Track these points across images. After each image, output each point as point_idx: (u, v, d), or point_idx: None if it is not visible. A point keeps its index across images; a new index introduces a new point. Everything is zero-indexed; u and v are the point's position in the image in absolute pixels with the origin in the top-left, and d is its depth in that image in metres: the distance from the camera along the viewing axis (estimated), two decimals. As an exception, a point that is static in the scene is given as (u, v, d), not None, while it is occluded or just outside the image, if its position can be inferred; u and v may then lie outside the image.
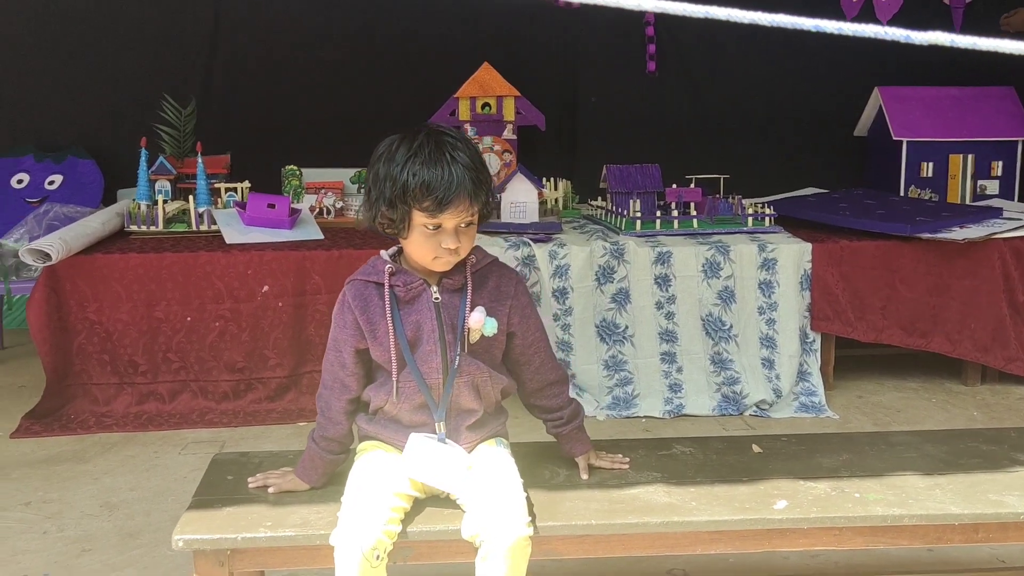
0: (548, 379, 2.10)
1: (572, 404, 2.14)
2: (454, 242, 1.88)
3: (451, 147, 1.87)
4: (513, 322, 2.01)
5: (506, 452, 2.02)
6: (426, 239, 1.89)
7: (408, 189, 1.85)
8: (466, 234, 1.91)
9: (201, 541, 1.86)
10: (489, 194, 1.93)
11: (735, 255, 3.76)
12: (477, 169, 1.88)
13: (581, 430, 2.15)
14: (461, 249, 1.91)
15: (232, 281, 3.67)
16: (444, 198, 1.83)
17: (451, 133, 1.92)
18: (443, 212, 1.85)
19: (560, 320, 3.73)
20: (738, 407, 3.72)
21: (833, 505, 1.96)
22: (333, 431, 2.02)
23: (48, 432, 3.50)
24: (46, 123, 4.69)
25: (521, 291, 2.03)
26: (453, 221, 1.88)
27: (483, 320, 1.93)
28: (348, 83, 4.80)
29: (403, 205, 1.87)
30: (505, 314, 1.99)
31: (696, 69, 4.98)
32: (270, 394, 3.72)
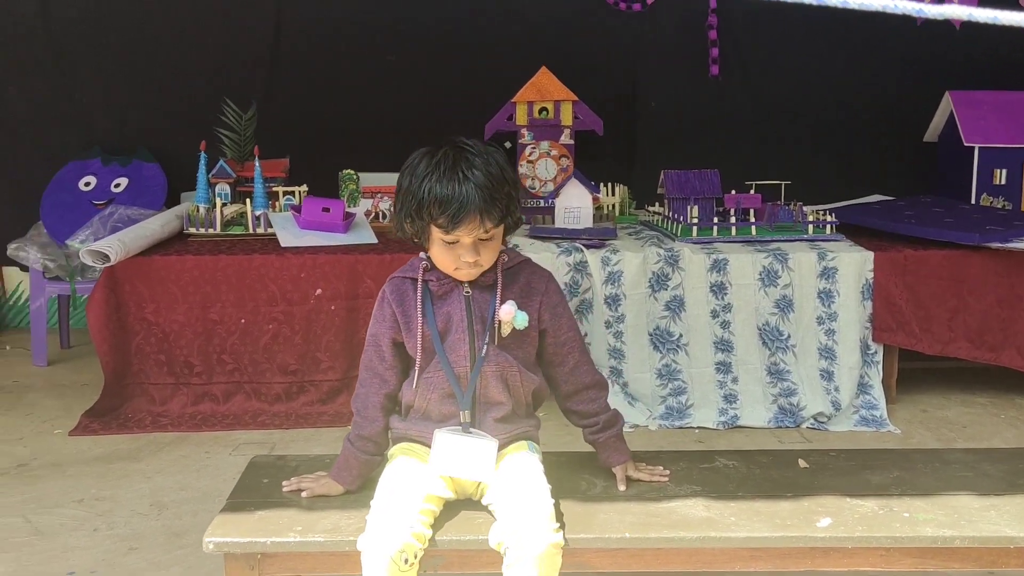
0: (583, 382, 2.08)
1: (610, 411, 2.10)
2: (472, 255, 1.92)
3: (467, 164, 1.88)
4: (544, 319, 2.03)
5: (535, 458, 1.99)
6: (445, 252, 1.94)
7: (424, 205, 1.89)
8: (486, 247, 1.93)
9: (232, 544, 1.87)
10: (509, 208, 1.92)
11: (794, 263, 3.66)
12: (492, 187, 1.88)
13: (619, 439, 2.11)
14: (482, 260, 1.94)
15: (286, 284, 3.70)
16: (455, 217, 1.87)
17: (472, 148, 1.91)
18: (456, 230, 1.88)
19: (612, 327, 3.68)
20: (795, 419, 3.61)
21: (880, 524, 1.88)
22: (369, 429, 2.04)
23: (106, 430, 3.57)
24: (114, 127, 4.80)
25: (552, 289, 2.05)
26: (468, 237, 1.90)
27: (514, 312, 1.96)
28: (406, 88, 4.82)
29: (420, 219, 1.91)
30: (536, 309, 2.00)
31: (758, 73, 4.87)
32: (322, 397, 3.74)
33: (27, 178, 4.69)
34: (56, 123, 4.79)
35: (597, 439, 2.10)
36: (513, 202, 1.94)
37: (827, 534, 1.86)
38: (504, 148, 4.30)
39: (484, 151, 1.93)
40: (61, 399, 3.94)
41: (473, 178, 1.87)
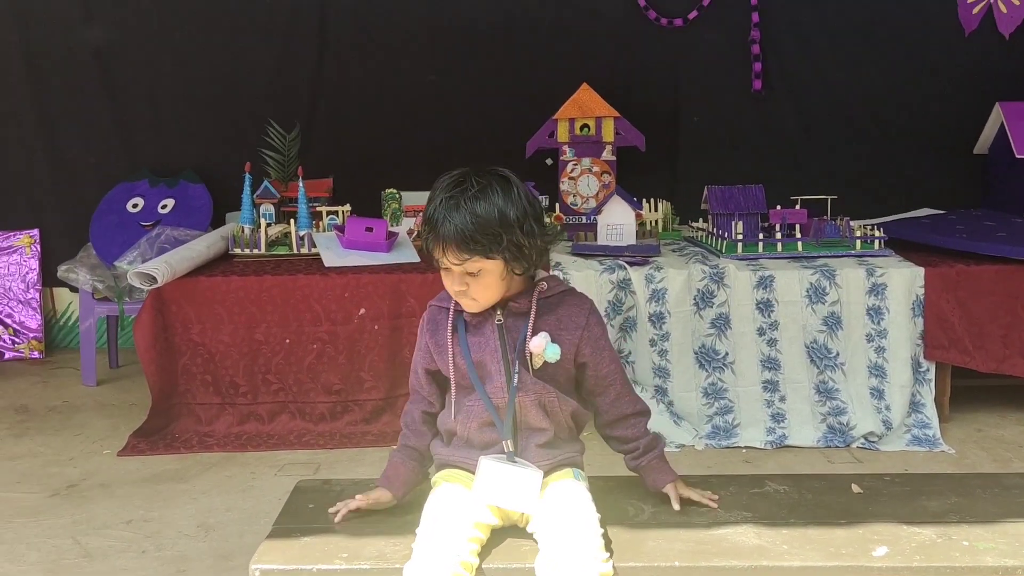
0: (624, 412, 2.06)
1: (649, 435, 2.08)
2: (457, 284, 1.92)
3: (467, 194, 1.85)
4: (584, 352, 1.99)
5: (582, 486, 1.96)
6: (443, 276, 1.95)
7: (425, 225, 1.91)
8: (477, 282, 1.90)
9: (278, 571, 1.86)
10: (494, 247, 1.85)
11: (841, 279, 3.60)
12: (474, 223, 1.83)
13: (662, 459, 2.08)
14: (473, 293, 1.91)
15: (330, 304, 3.72)
16: (430, 240, 1.90)
17: (481, 179, 1.87)
18: (433, 251, 1.91)
19: (657, 346, 3.64)
20: (845, 439, 3.55)
21: (939, 553, 1.83)
22: (415, 441, 2.08)
23: (153, 451, 3.60)
24: (161, 149, 4.86)
25: (593, 321, 2.00)
26: (454, 265, 1.90)
27: (544, 345, 1.92)
28: (448, 106, 4.83)
29: (426, 241, 1.93)
30: (574, 344, 1.97)
31: (802, 86, 4.82)
32: (366, 416, 3.74)
33: (77, 200, 4.77)
34: (105, 146, 4.87)
35: (640, 463, 2.08)
36: (504, 240, 1.85)
37: (884, 564, 1.81)
38: (545, 165, 4.38)
39: (488, 185, 1.86)
40: (110, 419, 3.99)
41: (466, 208, 1.84)
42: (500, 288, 1.93)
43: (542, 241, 1.94)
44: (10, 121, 4.85)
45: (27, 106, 4.83)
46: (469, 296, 1.92)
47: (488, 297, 1.94)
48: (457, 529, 1.85)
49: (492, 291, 1.93)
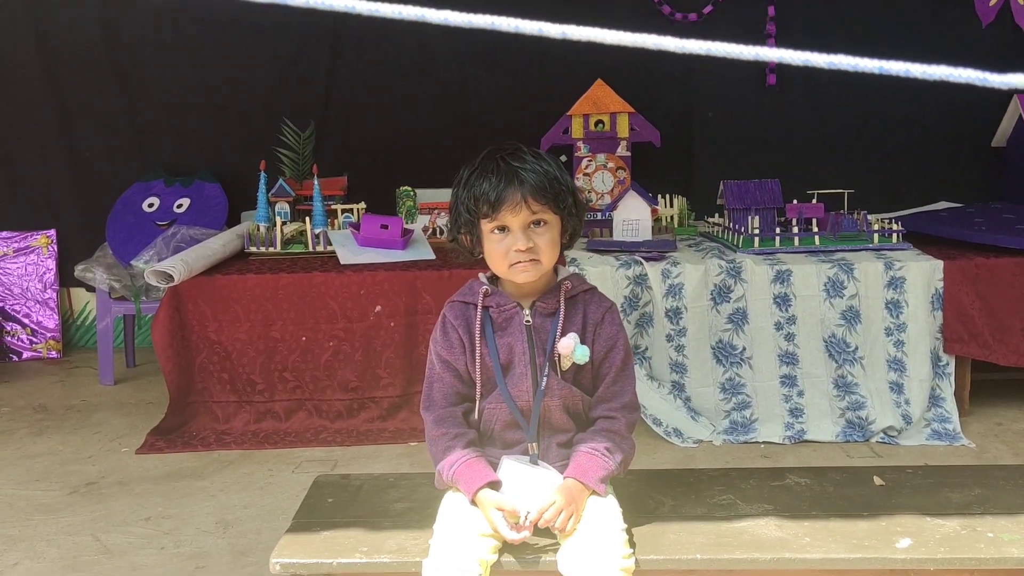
0: (622, 401, 1.95)
1: (615, 438, 1.91)
2: (524, 242, 1.85)
3: (510, 156, 1.87)
4: (596, 350, 1.95)
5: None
6: (496, 245, 1.88)
7: (468, 202, 1.87)
8: (540, 235, 1.87)
9: (298, 565, 1.86)
10: (561, 198, 1.87)
11: (860, 273, 3.58)
12: (541, 172, 1.85)
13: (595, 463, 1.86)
14: (538, 252, 1.86)
15: (346, 301, 3.72)
16: (496, 196, 1.83)
17: (514, 146, 1.89)
18: (499, 210, 1.84)
19: (674, 341, 3.63)
20: (864, 433, 3.52)
21: (963, 545, 1.81)
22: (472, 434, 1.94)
23: (171, 448, 3.61)
24: (176, 149, 4.88)
25: (609, 320, 1.96)
26: (516, 219, 1.85)
27: (573, 346, 1.88)
28: (462, 104, 4.82)
29: (470, 221, 1.89)
30: (589, 340, 1.94)
31: (818, 79, 4.79)
32: (382, 413, 3.74)
33: (94, 201, 4.79)
34: (120, 147, 4.88)
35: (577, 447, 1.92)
36: (569, 197, 1.88)
37: (908, 555, 1.79)
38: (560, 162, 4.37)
39: (529, 150, 1.90)
40: (127, 417, 4.00)
41: (517, 164, 1.85)
42: (557, 252, 1.90)
43: (582, 218, 1.95)
44: (27, 123, 4.87)
45: (44, 108, 4.85)
46: (533, 255, 1.85)
47: (549, 259, 1.88)
48: (475, 526, 1.84)
49: (553, 252, 1.89)
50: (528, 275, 1.89)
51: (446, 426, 1.93)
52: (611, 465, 1.89)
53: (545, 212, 1.86)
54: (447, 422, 1.94)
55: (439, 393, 1.97)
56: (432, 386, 1.98)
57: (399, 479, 2.20)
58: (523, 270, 1.88)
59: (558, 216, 1.89)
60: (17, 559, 2.81)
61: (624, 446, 1.93)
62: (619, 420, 1.93)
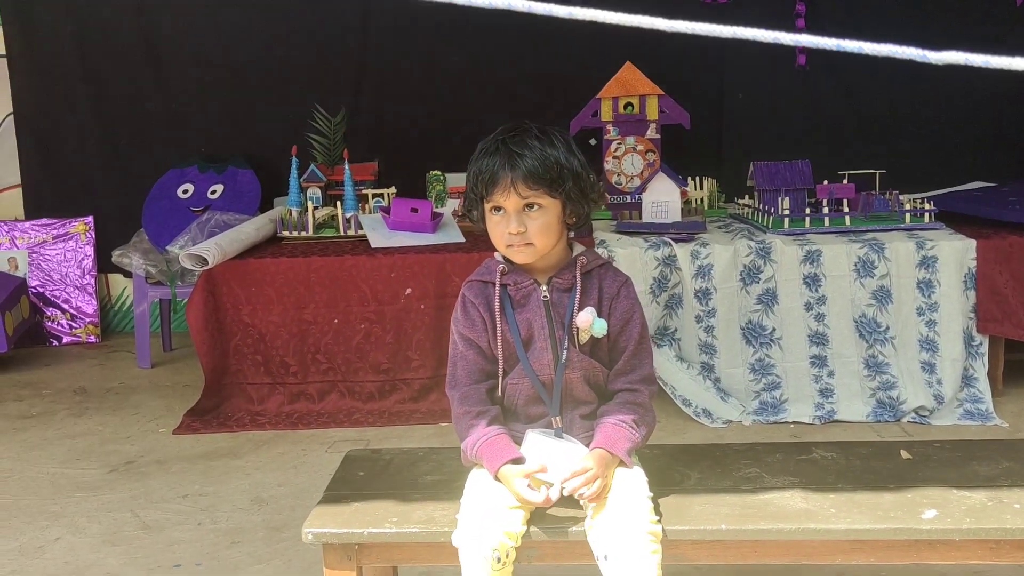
0: (641, 374, 1.97)
1: (639, 410, 1.93)
2: (516, 226, 1.88)
3: (517, 135, 1.89)
4: (612, 323, 1.97)
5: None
6: (494, 225, 1.92)
7: (472, 179, 1.91)
8: (532, 220, 1.89)
9: (329, 535, 1.90)
10: (558, 183, 1.88)
11: (891, 253, 3.56)
12: (538, 156, 1.86)
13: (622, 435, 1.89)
14: (531, 236, 1.89)
15: (376, 284, 3.76)
16: (490, 178, 1.87)
17: (527, 127, 1.91)
18: (492, 192, 1.88)
19: (703, 322, 3.63)
20: (895, 413, 3.51)
21: (989, 516, 1.81)
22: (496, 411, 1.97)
23: (207, 429, 3.67)
24: (210, 136, 4.94)
25: (624, 294, 1.98)
26: (510, 202, 1.88)
27: (591, 320, 1.92)
28: (492, 88, 4.84)
29: (474, 196, 1.93)
30: (605, 314, 1.96)
31: (849, 60, 4.72)
32: (413, 395, 3.78)
33: (130, 187, 4.86)
34: (156, 134, 4.96)
35: (600, 419, 1.95)
36: (568, 181, 1.88)
37: (933, 526, 1.80)
38: (589, 145, 4.38)
39: (541, 129, 1.91)
40: (164, 399, 4.07)
41: (518, 145, 1.87)
42: (555, 234, 1.91)
43: (595, 197, 1.96)
44: (65, 112, 4.95)
45: (81, 97, 4.93)
46: (525, 240, 1.88)
47: (544, 243, 1.90)
48: (503, 500, 1.86)
49: (549, 236, 1.90)
50: (522, 256, 1.93)
51: (470, 404, 1.96)
52: (637, 437, 1.91)
53: (539, 197, 1.88)
54: (471, 400, 1.97)
55: (463, 371, 2.00)
56: (456, 365, 2.01)
57: (428, 453, 2.24)
58: (517, 251, 1.92)
59: (556, 200, 1.89)
60: (59, 534, 2.88)
61: (647, 418, 1.95)
62: (641, 392, 1.96)
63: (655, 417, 1.99)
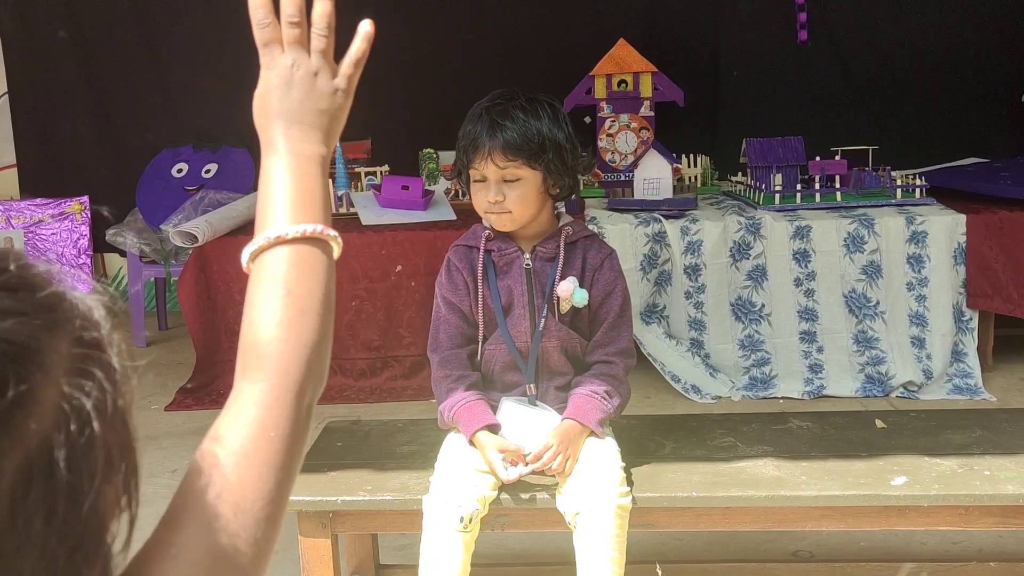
0: (619, 347, 1.97)
1: (613, 382, 1.93)
2: (494, 195, 1.89)
3: (502, 104, 1.90)
4: (593, 295, 1.97)
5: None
6: (476, 192, 1.94)
7: (458, 143, 1.93)
8: (511, 190, 1.89)
9: (304, 503, 1.92)
10: (541, 157, 1.88)
11: (880, 228, 3.55)
12: (520, 128, 1.86)
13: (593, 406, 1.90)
14: (509, 205, 1.89)
15: (367, 262, 3.77)
16: (473, 147, 1.88)
17: (512, 95, 1.92)
18: (473, 161, 1.89)
19: (692, 298, 3.63)
20: (883, 388, 3.51)
21: (959, 483, 1.82)
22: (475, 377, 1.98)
23: (199, 405, 3.70)
24: (204, 115, 4.94)
25: (608, 266, 1.99)
26: (492, 173, 1.89)
27: (571, 290, 1.92)
28: (484, 66, 4.82)
29: (459, 161, 1.94)
30: (587, 284, 1.97)
31: (844, 35, 4.73)
32: (404, 372, 3.79)
33: (124, 166, 4.87)
34: (150, 114, 4.96)
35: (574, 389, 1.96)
36: (549, 152, 1.88)
37: (902, 492, 1.81)
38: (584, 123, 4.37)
39: (537, 102, 1.91)
40: (158, 377, 4.09)
41: (502, 114, 1.88)
42: (535, 204, 1.92)
43: (580, 168, 1.97)
44: (59, 91, 4.96)
45: (75, 77, 4.94)
46: (503, 208, 1.89)
47: (522, 213, 1.91)
48: (474, 463, 1.88)
49: (527, 206, 1.91)
50: (501, 223, 1.93)
51: (450, 367, 1.97)
52: (609, 408, 1.92)
53: (517, 168, 1.88)
54: (451, 364, 1.98)
55: (444, 335, 2.01)
56: (438, 328, 2.02)
57: (408, 424, 2.26)
58: (496, 219, 1.93)
59: (536, 171, 1.89)
60: (48, 507, 2.90)
61: (622, 390, 1.95)
62: (617, 364, 1.96)
63: (630, 389, 2.00)
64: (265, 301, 0.83)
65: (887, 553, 2.38)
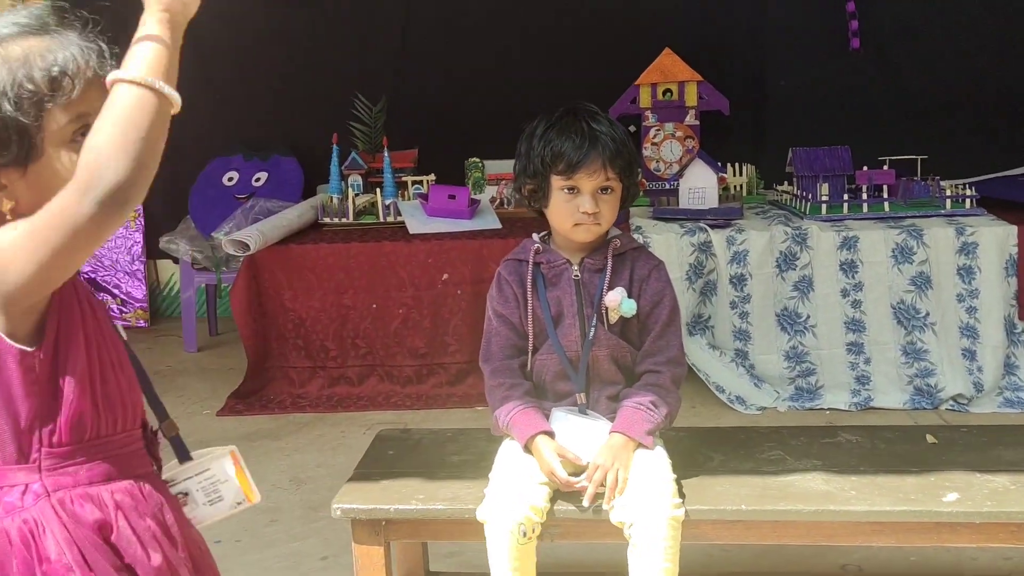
0: (667, 356, 1.99)
1: (660, 391, 1.95)
2: (592, 206, 1.92)
3: (588, 117, 1.94)
4: (642, 305, 2.00)
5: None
6: (564, 204, 1.95)
7: (544, 156, 1.93)
8: (605, 202, 1.94)
9: (358, 511, 1.96)
10: (630, 168, 1.94)
11: (929, 239, 3.53)
12: (616, 140, 1.93)
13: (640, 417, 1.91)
14: (601, 217, 1.94)
15: (414, 270, 3.81)
16: (576, 158, 1.90)
17: (591, 108, 1.98)
18: (576, 172, 1.91)
19: (738, 308, 3.63)
20: (932, 401, 3.49)
21: (1011, 499, 1.81)
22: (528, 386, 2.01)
23: (249, 411, 3.76)
24: (254, 125, 5.02)
25: (656, 276, 2.02)
26: (589, 183, 1.92)
27: (620, 300, 1.95)
28: (529, 75, 4.85)
29: (541, 173, 1.94)
30: (635, 295, 1.99)
31: (892, 44, 4.69)
32: (450, 379, 3.83)
33: (177, 175, 4.95)
34: (201, 123, 5.03)
35: (623, 402, 1.97)
36: (635, 167, 1.97)
37: (953, 509, 1.80)
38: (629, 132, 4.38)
39: (604, 113, 1.99)
40: (209, 382, 4.17)
41: (596, 127, 1.92)
42: (616, 216, 1.98)
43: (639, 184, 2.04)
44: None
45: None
46: (596, 220, 1.93)
47: (609, 222, 1.97)
48: (530, 473, 1.91)
49: (614, 216, 1.97)
50: (588, 235, 1.97)
51: (503, 376, 2.01)
52: (657, 418, 1.93)
53: (615, 179, 1.94)
54: (504, 373, 2.02)
55: (496, 346, 2.05)
56: (490, 340, 2.07)
57: (457, 434, 2.29)
58: (585, 231, 1.96)
59: (622, 182, 1.96)
60: (105, 510, 2.98)
61: (669, 400, 1.97)
62: (664, 374, 1.98)
63: (679, 398, 2.01)
64: (101, 118, 1.15)
65: (937, 569, 2.37)
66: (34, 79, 1.20)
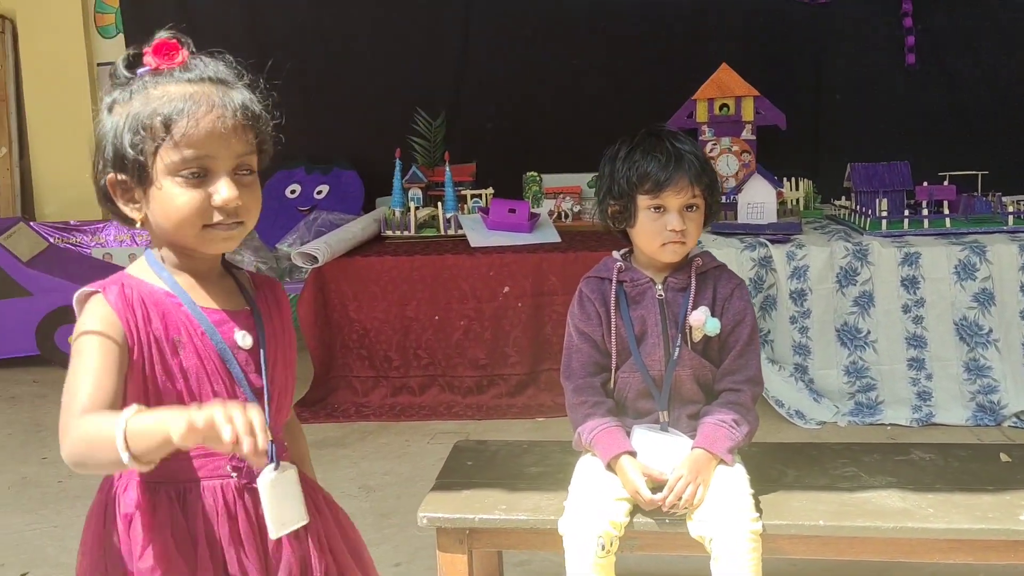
0: (746, 375, 2.02)
1: (741, 410, 1.99)
2: (679, 223, 1.95)
3: (671, 138, 1.99)
4: (724, 324, 2.03)
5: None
6: (651, 223, 1.97)
7: (629, 176, 1.97)
8: (691, 220, 1.97)
9: (443, 520, 2.02)
10: (714, 185, 1.99)
11: (993, 256, 3.53)
12: (699, 158, 1.98)
13: (721, 434, 1.95)
14: (687, 235, 1.97)
15: (476, 282, 3.88)
16: (663, 177, 1.94)
17: (671, 130, 2.02)
18: (664, 190, 1.94)
19: (798, 323, 3.65)
20: (995, 417, 3.48)
21: (1090, 520, 1.83)
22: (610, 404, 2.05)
23: (315, 419, 3.85)
24: (315, 138, 5.13)
25: (738, 295, 2.04)
26: (676, 201, 1.95)
27: (704, 319, 1.97)
28: (587, 90, 4.92)
29: (628, 193, 1.98)
30: (718, 314, 2.02)
31: (952, 59, 4.69)
32: (510, 390, 3.90)
33: (240, 188, 5.08)
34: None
35: (703, 419, 2.01)
36: (717, 184, 2.02)
37: (1031, 527, 1.82)
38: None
39: (683, 134, 2.03)
40: (274, 390, 4.26)
41: (680, 147, 1.97)
42: (700, 234, 2.02)
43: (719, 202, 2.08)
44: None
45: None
46: (682, 238, 1.97)
47: (694, 240, 2.00)
48: (609, 489, 1.95)
49: (697, 235, 2.01)
50: (674, 255, 2.00)
51: (586, 394, 2.05)
52: (738, 436, 1.97)
53: (700, 196, 1.98)
54: (587, 391, 2.05)
55: (577, 363, 2.08)
56: (571, 356, 2.09)
57: (532, 445, 2.34)
58: (672, 250, 1.98)
59: (706, 201, 2.00)
60: (183, 514, 3.07)
61: (750, 418, 2.00)
62: (744, 392, 2.01)
63: (757, 417, 2.05)
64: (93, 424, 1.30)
65: (1006, 586, 2.38)
66: (153, 120, 1.38)
